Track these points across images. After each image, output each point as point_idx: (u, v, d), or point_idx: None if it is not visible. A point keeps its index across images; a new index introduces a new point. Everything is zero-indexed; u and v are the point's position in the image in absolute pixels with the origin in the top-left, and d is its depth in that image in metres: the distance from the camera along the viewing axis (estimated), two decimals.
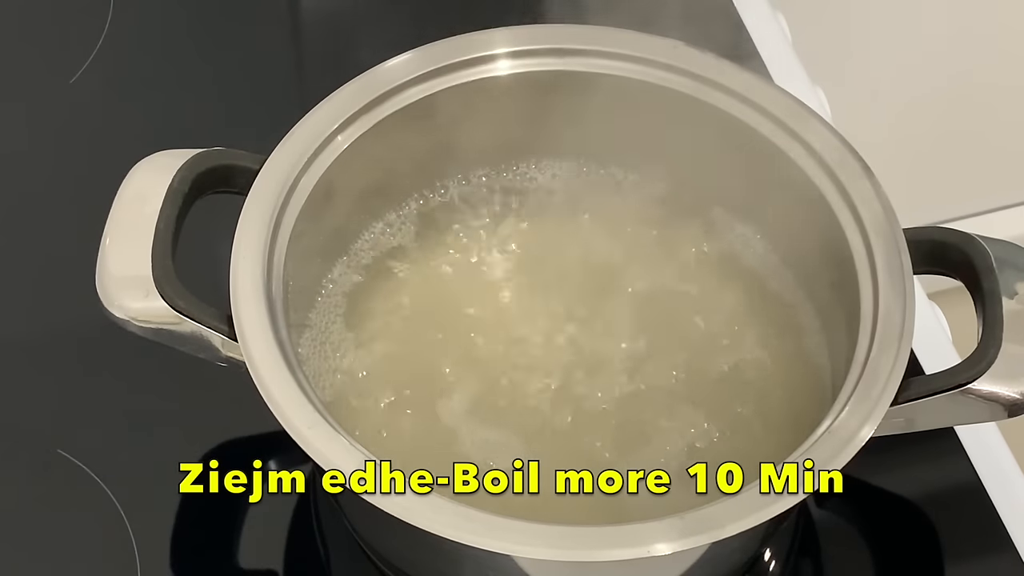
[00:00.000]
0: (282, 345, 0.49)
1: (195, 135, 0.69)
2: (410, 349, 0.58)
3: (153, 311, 0.50)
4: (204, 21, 0.82)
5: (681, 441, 0.55)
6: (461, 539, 0.45)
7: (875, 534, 0.61)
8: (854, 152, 0.55)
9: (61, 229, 0.71)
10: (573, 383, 0.57)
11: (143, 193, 0.53)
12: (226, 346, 0.51)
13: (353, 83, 0.57)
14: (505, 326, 0.59)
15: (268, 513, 0.61)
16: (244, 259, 0.51)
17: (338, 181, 0.56)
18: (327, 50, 0.80)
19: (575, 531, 0.46)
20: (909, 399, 0.49)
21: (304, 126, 0.55)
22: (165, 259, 0.51)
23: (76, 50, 0.79)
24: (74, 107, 0.76)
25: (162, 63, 0.80)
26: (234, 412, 0.59)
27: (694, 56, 0.58)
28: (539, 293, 0.60)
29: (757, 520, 0.45)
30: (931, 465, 0.62)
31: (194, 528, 0.61)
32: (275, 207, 0.53)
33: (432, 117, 0.58)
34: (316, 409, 0.48)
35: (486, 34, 0.58)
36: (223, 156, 0.54)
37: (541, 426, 0.56)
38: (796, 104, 0.56)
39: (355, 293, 0.59)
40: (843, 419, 0.48)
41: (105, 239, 0.52)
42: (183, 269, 0.51)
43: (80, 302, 0.54)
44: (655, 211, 0.61)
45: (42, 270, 0.70)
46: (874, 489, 0.62)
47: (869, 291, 0.52)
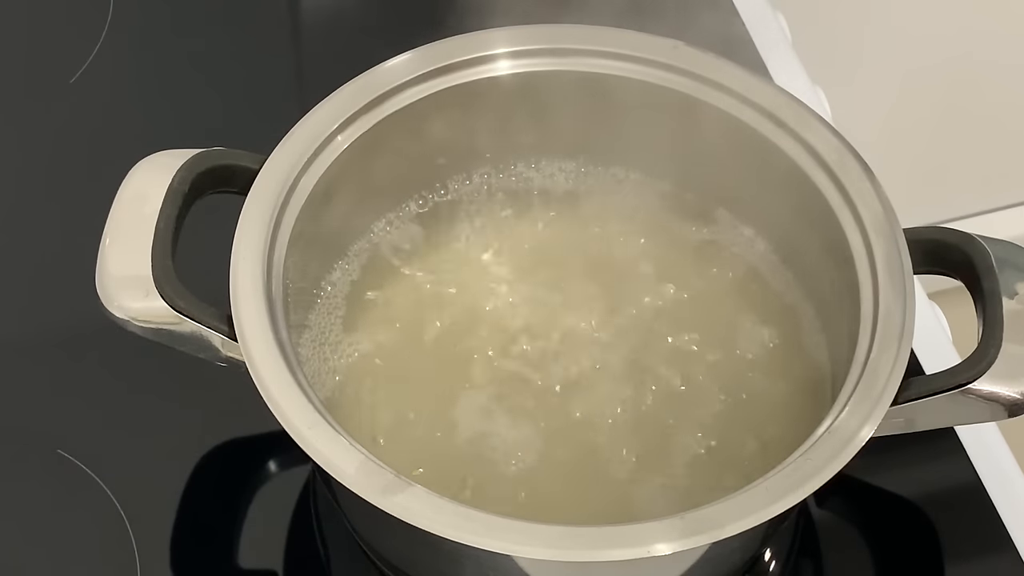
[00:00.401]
0: (282, 345, 0.49)
1: (195, 135, 0.69)
2: (410, 349, 0.58)
3: (153, 311, 0.50)
4: (204, 21, 0.82)
5: (682, 440, 0.55)
6: (461, 539, 0.45)
7: (875, 534, 0.61)
8: (854, 152, 0.55)
9: (61, 229, 0.71)
10: (574, 382, 0.57)
11: (143, 193, 0.53)
12: (226, 346, 0.51)
13: (353, 83, 0.57)
14: (505, 326, 0.59)
15: (268, 513, 0.61)
16: (244, 259, 0.51)
17: (338, 181, 0.56)
18: (327, 50, 0.80)
19: (575, 531, 0.46)
20: (909, 399, 0.49)
21: (304, 126, 0.55)
22: (165, 259, 0.51)
23: (76, 50, 0.79)
24: (74, 107, 0.76)
25: (162, 63, 0.80)
26: (234, 412, 0.59)
27: (694, 56, 0.58)
28: (539, 293, 0.60)
29: (757, 520, 0.45)
30: (931, 465, 0.62)
31: (194, 528, 0.61)
32: (275, 207, 0.53)
33: (432, 117, 0.58)
34: (316, 409, 0.48)
35: (486, 34, 0.58)
36: (223, 156, 0.54)
37: (542, 425, 0.56)
38: (796, 104, 0.56)
39: (355, 293, 0.59)
40: (843, 419, 0.48)
41: (105, 239, 0.52)
42: (183, 269, 0.51)
43: (80, 302, 0.54)
44: (655, 211, 0.61)
45: (42, 270, 0.70)
46: (874, 489, 0.62)
47: (869, 291, 0.52)
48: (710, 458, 0.55)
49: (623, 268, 0.60)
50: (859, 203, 0.54)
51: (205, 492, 0.62)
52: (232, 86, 0.78)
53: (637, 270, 0.60)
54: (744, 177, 0.58)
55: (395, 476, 0.46)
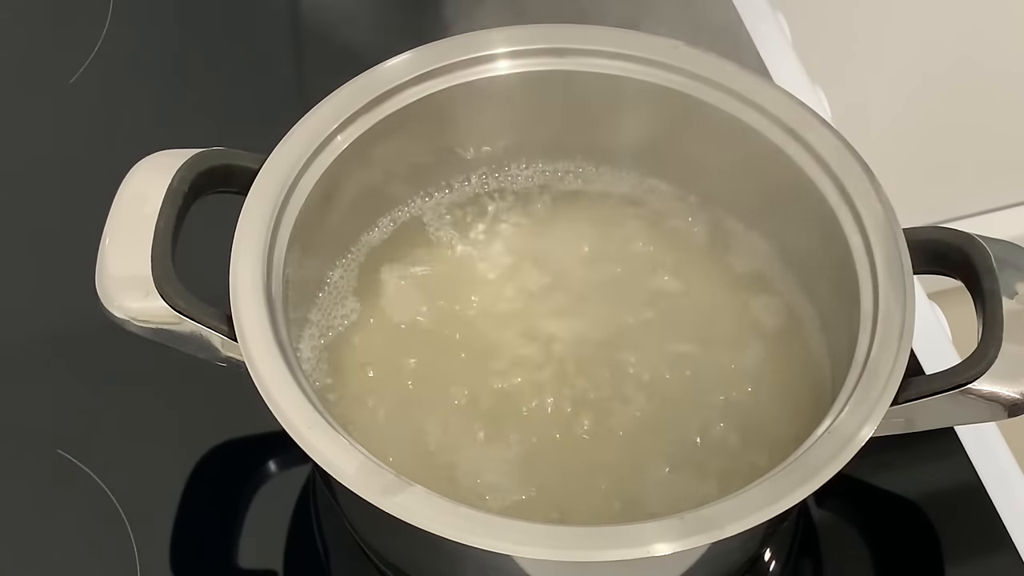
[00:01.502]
0: (282, 345, 0.49)
1: (195, 135, 0.69)
2: (411, 351, 0.58)
3: (153, 311, 0.50)
4: (204, 21, 0.82)
5: (682, 440, 0.55)
6: (461, 539, 0.45)
7: (875, 534, 0.61)
8: (854, 152, 0.55)
9: (61, 229, 0.71)
10: (575, 383, 0.57)
11: (143, 193, 0.53)
12: (226, 346, 0.51)
13: (353, 83, 0.57)
14: (506, 326, 0.59)
15: (267, 513, 0.61)
16: (244, 259, 0.51)
17: (338, 181, 0.56)
18: (327, 50, 0.80)
19: (575, 531, 0.46)
20: (909, 399, 0.49)
21: (304, 126, 0.55)
22: (165, 259, 0.51)
23: (76, 50, 0.79)
24: (74, 107, 0.76)
25: (162, 63, 0.80)
26: (234, 412, 0.59)
27: (694, 56, 0.58)
28: (539, 293, 0.59)
29: (757, 520, 0.45)
30: (931, 465, 0.62)
31: (194, 528, 0.61)
32: (275, 207, 0.53)
33: (432, 117, 0.58)
34: (316, 409, 0.48)
35: (485, 34, 0.58)
36: (223, 156, 0.54)
37: (545, 426, 0.56)
38: (796, 104, 0.56)
39: (355, 293, 0.59)
40: (843, 419, 0.48)
41: (105, 239, 0.52)
42: (183, 269, 0.51)
43: (80, 302, 0.54)
44: (654, 211, 0.61)
45: (42, 270, 0.70)
46: (874, 489, 0.62)
47: (869, 291, 0.52)
48: (710, 458, 0.55)
49: (622, 269, 0.60)
50: (859, 203, 0.54)
51: (205, 492, 0.62)
52: (232, 86, 0.78)
53: (636, 270, 0.60)
54: (744, 177, 0.58)
55: (395, 476, 0.46)
